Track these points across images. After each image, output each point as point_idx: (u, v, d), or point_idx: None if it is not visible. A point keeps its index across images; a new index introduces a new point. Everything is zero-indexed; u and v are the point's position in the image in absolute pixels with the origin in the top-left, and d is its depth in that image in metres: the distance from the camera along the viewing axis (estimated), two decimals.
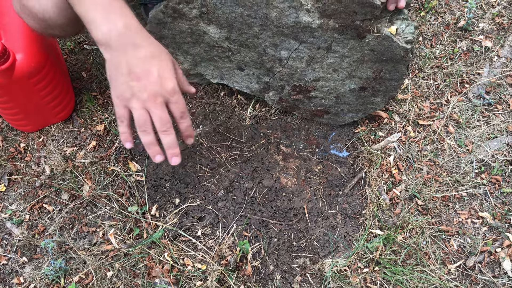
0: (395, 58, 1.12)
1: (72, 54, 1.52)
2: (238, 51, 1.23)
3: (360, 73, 1.20)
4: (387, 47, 1.10)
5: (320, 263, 1.21)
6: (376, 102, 1.28)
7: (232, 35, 1.18)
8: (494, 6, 1.57)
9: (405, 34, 1.09)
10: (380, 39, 1.08)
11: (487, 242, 1.20)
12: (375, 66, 1.16)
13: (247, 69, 1.29)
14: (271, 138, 1.41)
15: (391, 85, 1.21)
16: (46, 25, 0.96)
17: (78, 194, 1.27)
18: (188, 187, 1.32)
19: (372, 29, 1.07)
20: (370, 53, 1.13)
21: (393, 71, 1.17)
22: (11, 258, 1.21)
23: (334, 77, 1.22)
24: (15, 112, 1.25)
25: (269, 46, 1.18)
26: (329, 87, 1.26)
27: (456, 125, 1.37)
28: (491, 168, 1.29)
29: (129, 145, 0.89)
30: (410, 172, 1.31)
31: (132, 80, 0.82)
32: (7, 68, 1.07)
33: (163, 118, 0.85)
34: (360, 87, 1.24)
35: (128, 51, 0.82)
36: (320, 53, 1.16)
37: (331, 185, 1.34)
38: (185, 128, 0.90)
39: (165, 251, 1.19)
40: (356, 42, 1.11)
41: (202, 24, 1.17)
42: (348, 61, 1.17)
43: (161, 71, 0.83)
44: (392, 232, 1.20)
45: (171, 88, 0.84)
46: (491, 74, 1.44)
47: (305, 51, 1.17)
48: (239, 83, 1.35)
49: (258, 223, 1.27)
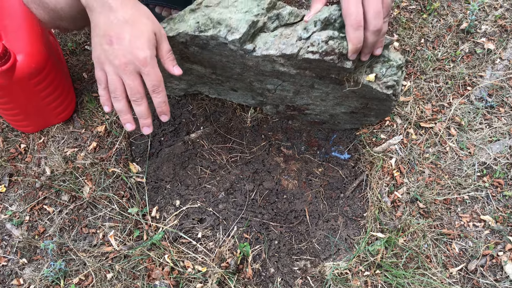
0: (379, 98, 1.12)
1: (73, 55, 1.52)
2: (228, 81, 1.23)
3: (348, 103, 1.20)
4: (369, 91, 1.09)
5: (321, 266, 1.20)
6: (370, 120, 1.32)
7: (217, 72, 1.18)
8: (496, 9, 1.56)
9: (386, 78, 1.06)
10: (360, 86, 1.06)
11: (489, 245, 1.19)
12: (360, 100, 1.17)
13: (240, 91, 1.29)
14: (272, 140, 1.40)
15: (381, 112, 1.23)
16: (57, 16, 0.96)
17: (79, 196, 1.27)
18: (189, 188, 1.32)
19: (349, 79, 1.05)
20: (353, 94, 1.13)
21: (380, 105, 1.17)
22: (11, 259, 1.20)
23: (324, 104, 1.23)
24: (15, 113, 1.25)
25: (254, 81, 1.18)
26: (321, 110, 1.28)
27: (458, 127, 1.36)
28: (493, 171, 1.29)
29: (107, 108, 0.90)
30: (411, 175, 1.30)
31: (105, 43, 0.83)
32: (8, 69, 1.07)
33: (132, 88, 0.85)
34: (350, 111, 1.25)
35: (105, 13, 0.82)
36: (304, 89, 1.16)
37: (332, 188, 1.33)
38: (158, 103, 0.89)
39: (165, 253, 1.19)
40: (336, 85, 1.10)
41: (187, 64, 1.16)
42: (333, 95, 1.17)
43: (133, 39, 0.82)
44: (393, 235, 1.20)
45: (142, 58, 0.82)
46: (494, 77, 1.44)
47: (290, 86, 1.17)
48: (235, 99, 1.37)
49: (259, 225, 1.27)
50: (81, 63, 1.49)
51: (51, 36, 1.39)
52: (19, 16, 1.17)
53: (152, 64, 0.84)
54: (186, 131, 1.41)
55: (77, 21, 0.98)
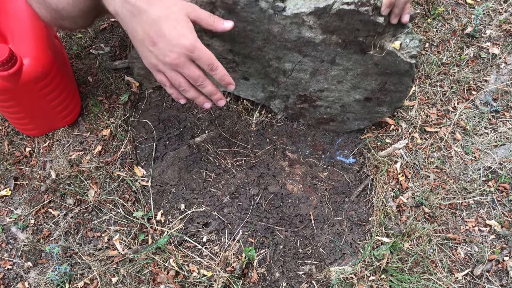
0: (399, 72, 1.12)
1: (78, 58, 1.52)
2: (243, 62, 1.22)
3: (364, 85, 1.19)
4: (391, 62, 1.09)
5: (326, 270, 1.20)
6: (382, 112, 1.28)
7: (235, 48, 1.17)
8: (501, 13, 1.57)
9: (409, 49, 1.08)
10: (384, 54, 1.07)
11: (494, 250, 1.19)
12: (379, 78, 1.16)
13: (252, 79, 1.28)
14: (277, 144, 1.40)
15: (397, 96, 1.21)
16: (58, 15, 0.96)
17: (84, 199, 1.27)
18: (194, 192, 1.32)
19: (376, 44, 1.06)
20: (374, 67, 1.12)
21: (398, 84, 1.16)
22: (16, 263, 1.20)
23: (339, 88, 1.22)
24: (21, 117, 1.25)
25: (272, 58, 1.17)
26: (334, 97, 1.25)
27: (463, 132, 1.36)
28: (499, 175, 1.28)
29: (182, 101, 0.95)
30: (417, 179, 1.30)
31: (149, 45, 0.84)
32: (14, 73, 1.07)
33: (192, 76, 0.87)
34: (365, 98, 1.23)
35: (136, 17, 0.82)
36: (323, 66, 1.16)
37: (337, 192, 1.33)
38: (220, 78, 0.91)
39: (170, 257, 1.19)
40: (359, 56, 1.10)
41: (205, 37, 1.16)
42: (352, 73, 1.16)
43: (172, 31, 0.82)
44: (398, 239, 1.20)
45: (189, 45, 0.83)
46: (499, 81, 1.44)
47: (308, 64, 1.16)
48: (244, 91, 1.35)
49: (264, 229, 1.27)
50: (86, 66, 1.50)
51: (57, 40, 1.39)
52: (25, 20, 1.17)
53: (199, 46, 0.85)
54: (191, 135, 1.41)
55: (78, 22, 0.99)
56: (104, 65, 1.49)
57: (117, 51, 1.54)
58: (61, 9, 0.94)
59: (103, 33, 1.59)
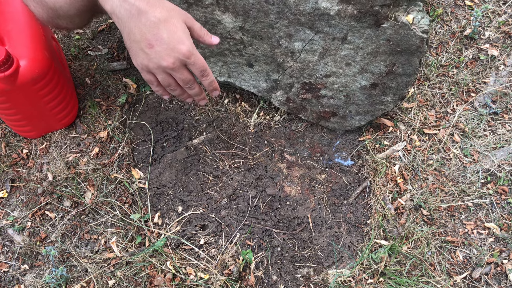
0: (410, 49, 1.13)
1: (76, 60, 1.51)
2: (250, 44, 1.22)
3: (373, 68, 1.19)
4: (404, 36, 1.11)
5: (324, 273, 1.20)
6: (386, 102, 1.27)
7: (246, 25, 1.17)
8: (500, 15, 1.56)
9: (420, 24, 1.10)
10: (397, 27, 1.09)
11: (493, 253, 1.18)
12: (388, 59, 1.16)
13: (256, 65, 1.28)
14: (275, 146, 1.40)
15: (403, 81, 1.21)
16: (55, 14, 0.95)
17: (80, 201, 1.27)
18: (191, 194, 1.31)
19: (390, 15, 1.08)
20: (386, 43, 1.13)
21: (407, 65, 1.16)
22: (12, 265, 1.20)
23: (346, 72, 1.22)
24: (18, 118, 1.25)
25: (283, 37, 1.17)
26: (340, 84, 1.25)
27: (462, 134, 1.36)
28: (498, 178, 1.28)
29: (166, 97, 0.98)
30: (415, 182, 1.30)
31: (146, 47, 0.84)
32: (11, 74, 1.07)
33: (183, 79, 0.90)
34: (371, 84, 1.23)
35: (135, 18, 0.83)
36: (334, 45, 1.16)
37: (336, 194, 1.33)
38: (208, 84, 0.94)
39: (167, 260, 1.18)
40: (372, 31, 1.11)
41: (217, 12, 1.16)
42: (362, 53, 1.16)
43: (171, 36, 0.83)
44: (397, 242, 1.19)
45: (186, 51, 0.84)
46: (497, 83, 1.43)
47: (319, 43, 1.16)
48: (246, 81, 1.35)
49: (262, 232, 1.26)
50: (84, 68, 1.49)
51: (54, 41, 1.38)
52: (22, 22, 1.17)
53: (195, 53, 0.86)
54: (189, 137, 1.40)
55: (75, 21, 0.98)
56: (102, 67, 1.49)
57: (115, 52, 1.53)
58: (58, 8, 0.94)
59: (101, 34, 1.59)
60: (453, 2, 1.62)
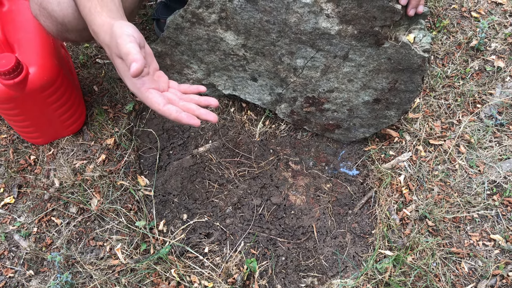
0: (411, 68, 1.12)
1: (84, 67, 1.53)
2: (253, 60, 1.23)
3: (375, 84, 1.19)
4: (405, 55, 1.10)
5: (328, 283, 1.19)
6: (389, 116, 1.27)
7: (249, 42, 1.18)
8: (506, 27, 1.56)
9: (422, 43, 1.10)
10: (398, 46, 1.09)
11: (499, 265, 1.17)
12: (390, 76, 1.16)
13: (260, 80, 1.29)
14: (280, 155, 1.40)
15: (406, 97, 1.21)
16: (64, 29, 0.98)
17: (86, 208, 1.27)
18: (196, 202, 1.32)
19: (391, 36, 1.08)
20: (387, 61, 1.13)
21: (409, 82, 1.16)
22: (18, 271, 1.20)
23: (349, 88, 1.22)
24: (27, 125, 1.26)
25: (285, 54, 1.18)
26: (343, 98, 1.25)
27: (467, 145, 1.36)
28: (503, 189, 1.27)
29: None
30: (420, 192, 1.29)
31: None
32: (20, 81, 1.08)
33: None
34: (374, 99, 1.23)
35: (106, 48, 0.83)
36: (336, 62, 1.16)
37: (341, 204, 1.33)
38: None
39: (171, 268, 1.18)
40: (373, 50, 1.11)
41: (219, 30, 1.17)
42: (364, 70, 1.16)
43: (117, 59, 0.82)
44: (401, 253, 1.19)
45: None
46: (503, 95, 1.43)
47: (321, 60, 1.17)
48: (251, 94, 1.35)
49: (266, 241, 1.26)
50: (91, 76, 1.51)
51: (63, 49, 1.40)
52: (32, 30, 1.19)
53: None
54: (195, 145, 1.41)
55: (84, 34, 1.00)
56: (109, 75, 1.50)
57: None
58: (67, 23, 0.96)
59: None
60: (460, 13, 1.62)
